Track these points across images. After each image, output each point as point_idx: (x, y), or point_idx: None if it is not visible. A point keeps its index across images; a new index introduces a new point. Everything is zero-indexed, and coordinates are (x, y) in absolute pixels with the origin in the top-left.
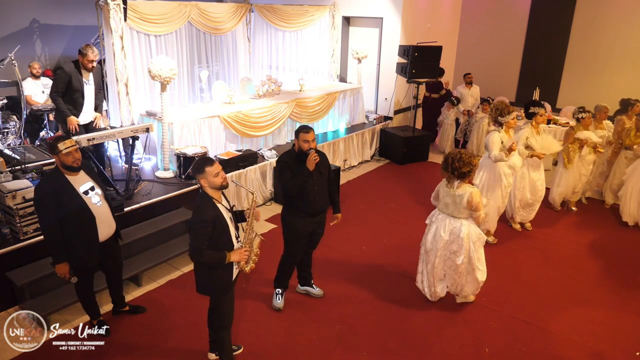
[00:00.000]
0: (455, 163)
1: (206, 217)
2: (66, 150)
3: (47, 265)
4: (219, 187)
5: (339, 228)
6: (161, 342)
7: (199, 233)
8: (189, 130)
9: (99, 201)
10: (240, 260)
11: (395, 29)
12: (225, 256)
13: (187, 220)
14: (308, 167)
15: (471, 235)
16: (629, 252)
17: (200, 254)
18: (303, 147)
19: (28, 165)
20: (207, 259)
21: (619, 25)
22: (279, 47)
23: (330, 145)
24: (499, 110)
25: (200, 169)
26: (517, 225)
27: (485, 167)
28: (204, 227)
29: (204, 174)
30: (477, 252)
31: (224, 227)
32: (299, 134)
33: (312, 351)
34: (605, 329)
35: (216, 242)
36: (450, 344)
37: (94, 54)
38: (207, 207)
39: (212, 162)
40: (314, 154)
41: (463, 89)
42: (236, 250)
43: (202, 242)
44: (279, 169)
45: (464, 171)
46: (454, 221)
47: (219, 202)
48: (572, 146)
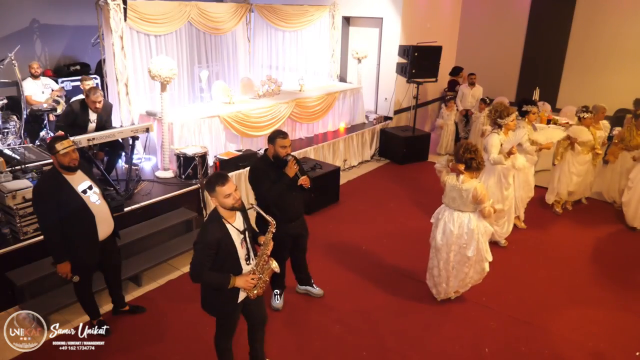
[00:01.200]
0: (467, 153)
1: (209, 239)
2: (64, 150)
3: (47, 265)
4: (229, 208)
5: (339, 228)
6: (161, 342)
7: (200, 254)
8: (189, 130)
9: (98, 200)
10: (246, 287)
11: (395, 29)
12: (229, 280)
13: (187, 220)
14: (288, 175)
15: (479, 227)
16: (629, 252)
17: (199, 275)
18: (280, 153)
19: (28, 165)
20: (208, 280)
21: (619, 25)
22: (279, 47)
23: (330, 145)
24: (498, 112)
25: (211, 186)
26: (521, 223)
27: (486, 172)
28: (205, 249)
29: (214, 193)
30: (485, 244)
31: (230, 251)
32: (275, 140)
33: (312, 351)
34: (605, 329)
35: (221, 264)
36: (450, 344)
37: (96, 95)
38: (214, 228)
39: (224, 180)
40: (293, 161)
41: (465, 88)
42: (243, 276)
43: (202, 263)
44: (255, 178)
45: (471, 160)
46: (461, 215)
47: (230, 222)
48: (562, 142)
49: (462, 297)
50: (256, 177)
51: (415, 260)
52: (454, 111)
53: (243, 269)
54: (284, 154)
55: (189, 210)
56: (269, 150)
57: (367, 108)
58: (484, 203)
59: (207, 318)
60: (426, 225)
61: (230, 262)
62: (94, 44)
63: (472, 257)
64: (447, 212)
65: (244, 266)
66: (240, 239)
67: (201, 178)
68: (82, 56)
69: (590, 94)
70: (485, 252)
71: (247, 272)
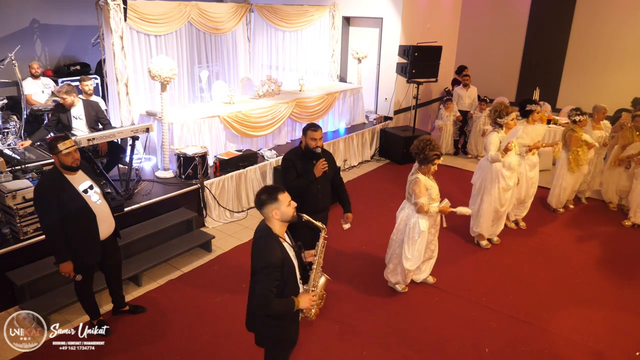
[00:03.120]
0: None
1: (275, 260)
2: (66, 150)
3: (47, 265)
4: (290, 218)
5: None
6: (161, 342)
7: (268, 280)
8: (189, 130)
9: (99, 199)
10: (309, 307)
11: (395, 29)
12: (293, 303)
13: (187, 220)
14: (315, 173)
15: (408, 219)
16: (629, 252)
17: (268, 305)
18: (310, 144)
19: (28, 165)
20: (276, 309)
21: (619, 25)
22: (279, 47)
23: (330, 145)
24: (497, 111)
25: (272, 197)
26: (512, 223)
27: (482, 168)
28: (273, 273)
29: (277, 203)
30: (410, 240)
31: (291, 270)
32: (307, 131)
33: (312, 351)
34: (605, 329)
35: (282, 288)
36: (450, 344)
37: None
38: (275, 248)
39: (283, 189)
40: (323, 162)
41: (460, 90)
42: (304, 295)
43: (270, 290)
44: (283, 167)
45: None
46: (404, 203)
47: (284, 239)
48: (581, 150)
49: (463, 297)
50: (284, 167)
51: None
52: (452, 112)
53: (300, 288)
54: (314, 145)
55: (189, 210)
56: (302, 141)
57: (367, 108)
58: (417, 199)
59: (207, 318)
60: None
61: (291, 283)
62: (94, 44)
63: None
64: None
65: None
66: (293, 255)
67: (201, 178)
68: (82, 56)
69: (590, 94)
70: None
71: (304, 291)
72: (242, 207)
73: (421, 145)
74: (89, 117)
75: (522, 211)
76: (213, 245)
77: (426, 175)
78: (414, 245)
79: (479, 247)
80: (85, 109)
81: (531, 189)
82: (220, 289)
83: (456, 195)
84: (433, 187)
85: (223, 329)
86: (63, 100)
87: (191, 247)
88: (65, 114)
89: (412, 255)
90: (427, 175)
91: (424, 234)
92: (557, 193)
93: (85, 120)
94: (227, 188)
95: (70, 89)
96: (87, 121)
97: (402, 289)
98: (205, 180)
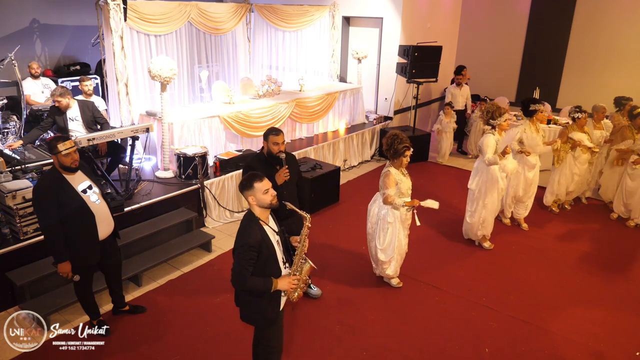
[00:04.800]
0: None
1: (251, 241)
2: (66, 151)
3: (47, 265)
4: (268, 205)
5: (339, 228)
6: (161, 342)
7: (243, 258)
8: (189, 130)
9: (97, 199)
10: (289, 289)
11: (395, 29)
12: (271, 283)
13: (187, 220)
14: (276, 181)
15: (379, 212)
16: (629, 252)
17: (243, 281)
18: (273, 149)
19: (28, 165)
20: (251, 286)
21: (619, 25)
22: (279, 47)
23: (330, 145)
24: (490, 112)
25: (248, 184)
26: (507, 220)
27: (480, 171)
28: (248, 252)
29: (253, 190)
30: (381, 231)
31: (270, 253)
32: (268, 136)
33: (312, 351)
34: (605, 329)
35: (262, 268)
36: (450, 344)
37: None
38: (254, 230)
39: (261, 178)
40: (285, 170)
41: (454, 89)
42: (284, 278)
43: (245, 268)
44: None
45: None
46: (376, 196)
47: (266, 223)
48: (563, 145)
49: (463, 297)
50: (244, 173)
51: (415, 260)
52: (452, 117)
53: (282, 271)
54: (277, 150)
55: (189, 210)
56: (264, 147)
57: (367, 108)
58: (386, 190)
59: (207, 318)
60: (426, 225)
61: (271, 265)
62: (94, 44)
63: (368, 234)
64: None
65: (282, 269)
66: (276, 240)
67: (201, 178)
68: (82, 56)
69: (590, 94)
70: (378, 239)
71: (286, 274)
72: (242, 207)
73: (389, 141)
74: (85, 118)
75: (522, 210)
76: (213, 245)
77: (399, 170)
78: (385, 235)
79: (479, 248)
80: (81, 110)
81: (530, 189)
82: (220, 289)
83: (456, 195)
84: (403, 182)
85: (223, 329)
86: (58, 103)
87: (191, 247)
88: (61, 116)
89: (382, 245)
90: (399, 170)
91: (393, 225)
92: (550, 188)
93: (81, 121)
94: (227, 188)
95: (64, 91)
96: (84, 122)
97: (397, 284)
98: (205, 180)
